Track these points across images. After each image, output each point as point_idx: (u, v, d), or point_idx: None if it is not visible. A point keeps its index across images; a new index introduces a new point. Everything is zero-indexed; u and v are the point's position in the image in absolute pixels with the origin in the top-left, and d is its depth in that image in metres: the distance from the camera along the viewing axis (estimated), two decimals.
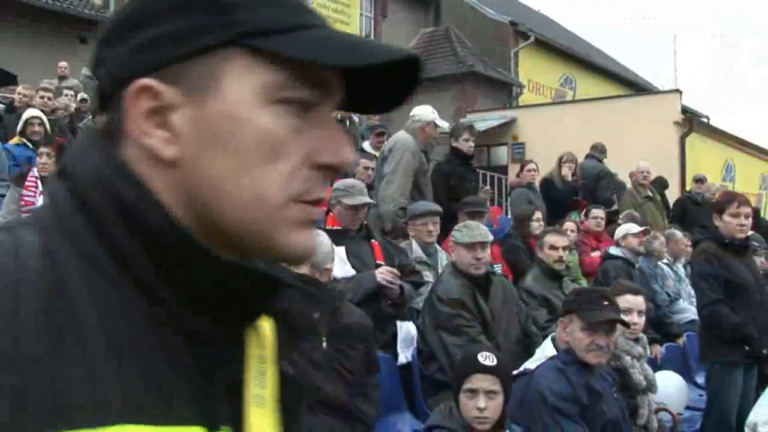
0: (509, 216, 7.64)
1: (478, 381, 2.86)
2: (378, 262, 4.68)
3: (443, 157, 7.76)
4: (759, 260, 7.21)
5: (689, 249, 7.44)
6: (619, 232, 6.96)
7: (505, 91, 21.04)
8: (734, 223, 4.87)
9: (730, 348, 4.81)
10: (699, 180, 11.54)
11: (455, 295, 4.43)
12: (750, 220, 4.97)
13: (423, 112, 6.46)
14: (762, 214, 15.40)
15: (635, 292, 4.33)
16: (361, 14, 20.46)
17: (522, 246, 6.63)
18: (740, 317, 4.78)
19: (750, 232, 5.58)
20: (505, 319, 4.62)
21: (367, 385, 3.50)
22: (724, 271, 4.86)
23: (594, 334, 3.29)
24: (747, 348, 4.76)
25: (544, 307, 5.14)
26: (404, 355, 4.56)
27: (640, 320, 4.29)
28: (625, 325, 3.62)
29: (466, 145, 7.11)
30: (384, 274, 4.51)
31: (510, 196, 9.91)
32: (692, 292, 6.44)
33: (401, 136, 6.34)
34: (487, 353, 2.93)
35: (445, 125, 6.73)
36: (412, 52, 0.73)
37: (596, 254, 7.64)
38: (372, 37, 21.10)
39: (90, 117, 9.69)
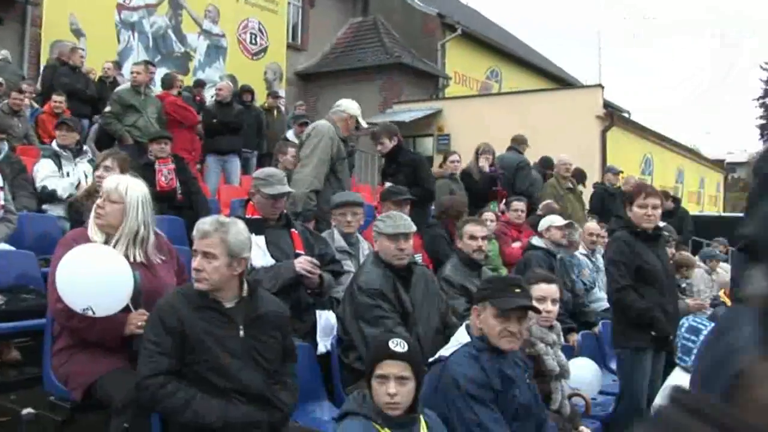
0: (432, 206, 7.71)
1: (389, 367, 2.90)
2: (298, 251, 4.69)
3: None
4: (670, 251, 7.47)
5: (604, 240, 7.65)
6: (543, 223, 7.08)
7: (431, 83, 21.17)
8: (641, 214, 5.05)
9: (639, 334, 4.98)
10: (610, 171, 11.92)
11: (375, 286, 4.44)
12: (658, 211, 5.13)
13: (350, 105, 6.54)
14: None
15: (549, 281, 4.42)
16: (289, 3, 20.28)
17: (445, 235, 6.71)
18: (647, 303, 4.95)
19: (662, 223, 5.77)
20: (425, 309, 4.65)
21: (284, 373, 3.50)
22: (636, 258, 5.02)
23: (506, 321, 3.36)
24: (653, 333, 4.94)
25: (463, 296, 5.22)
26: (323, 344, 4.57)
27: (554, 308, 4.38)
28: (537, 311, 3.70)
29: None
30: (303, 263, 4.52)
31: None
32: None
33: (321, 122, 6.39)
34: (399, 340, 2.96)
35: (364, 125, 6.82)
36: None
37: (517, 245, 7.78)
38: (300, 26, 21.01)
39: (5, 101, 9.40)
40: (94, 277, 3.38)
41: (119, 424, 3.32)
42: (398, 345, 2.92)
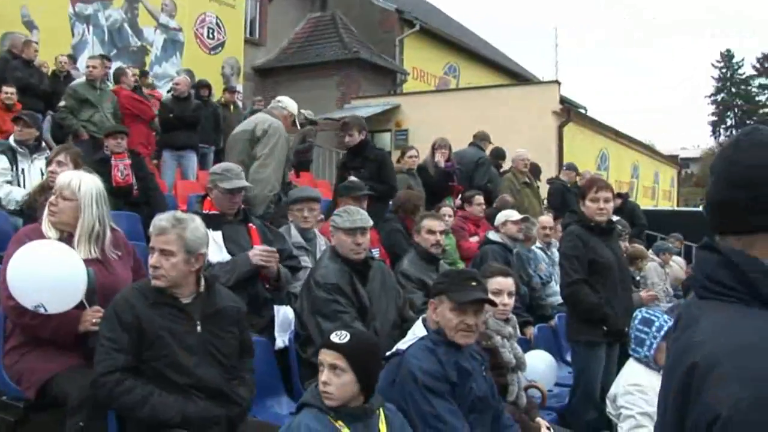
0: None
1: (324, 355, 2.93)
2: (255, 246, 4.67)
3: None
4: (623, 244, 7.59)
5: (558, 233, 7.74)
6: (500, 218, 7.13)
7: (389, 78, 21.21)
8: (594, 208, 5.13)
9: (591, 329, 5.05)
10: (571, 169, 12.05)
11: (333, 280, 4.45)
12: (610, 204, 5.22)
13: (289, 104, 6.56)
14: (632, 199, 16.20)
15: (505, 274, 4.46)
16: None
17: (402, 229, 6.73)
18: (599, 297, 5.03)
19: (615, 217, 5.86)
20: (383, 303, 4.67)
21: (242, 368, 3.49)
22: (590, 252, 5.09)
23: (463, 314, 3.39)
24: (605, 328, 5.02)
25: (420, 289, 5.25)
26: (281, 339, 4.57)
27: (510, 301, 4.43)
28: (493, 304, 3.74)
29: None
30: (258, 254, 4.50)
31: None
32: None
33: (274, 120, 6.34)
34: (344, 332, 2.98)
35: (302, 117, 6.84)
36: None
37: (474, 239, 7.84)
38: (257, 21, 20.87)
39: None
40: (44, 274, 3.33)
41: (75, 423, 3.29)
42: (338, 336, 2.94)
